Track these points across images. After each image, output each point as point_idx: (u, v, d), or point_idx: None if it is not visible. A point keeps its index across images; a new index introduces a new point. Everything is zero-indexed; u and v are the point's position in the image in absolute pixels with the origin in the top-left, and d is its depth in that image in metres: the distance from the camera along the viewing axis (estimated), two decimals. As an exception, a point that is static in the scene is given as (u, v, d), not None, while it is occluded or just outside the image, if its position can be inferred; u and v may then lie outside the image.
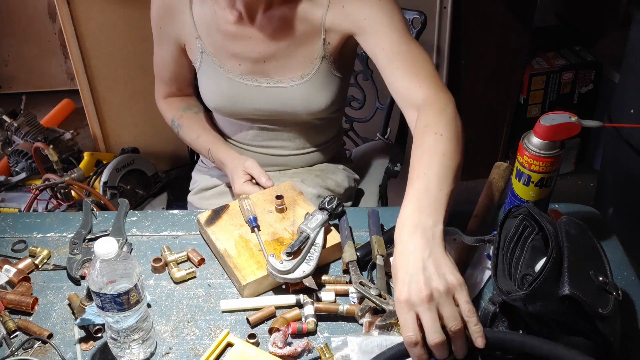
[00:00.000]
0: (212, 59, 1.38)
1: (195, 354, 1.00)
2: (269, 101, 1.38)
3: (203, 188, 1.57)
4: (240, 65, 1.36)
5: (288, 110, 1.38)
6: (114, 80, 2.51)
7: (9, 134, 2.58)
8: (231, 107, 1.41)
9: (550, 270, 0.86)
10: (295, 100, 1.37)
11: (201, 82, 1.44)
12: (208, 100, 1.44)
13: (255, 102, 1.39)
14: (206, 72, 1.40)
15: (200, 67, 1.41)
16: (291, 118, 1.41)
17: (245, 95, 1.38)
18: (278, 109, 1.39)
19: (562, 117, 1.03)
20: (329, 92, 1.37)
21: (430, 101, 1.14)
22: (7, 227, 1.27)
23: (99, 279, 0.91)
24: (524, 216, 0.98)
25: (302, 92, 1.36)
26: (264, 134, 1.47)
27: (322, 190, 1.48)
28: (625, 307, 1.05)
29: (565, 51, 2.68)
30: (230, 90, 1.39)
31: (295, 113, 1.39)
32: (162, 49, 1.45)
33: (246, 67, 1.36)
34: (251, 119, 1.43)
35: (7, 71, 3.35)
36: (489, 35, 2.40)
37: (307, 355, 0.99)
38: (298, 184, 1.44)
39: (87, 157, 2.52)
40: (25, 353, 1.01)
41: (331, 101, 1.38)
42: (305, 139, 1.48)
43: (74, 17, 2.34)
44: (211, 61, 1.38)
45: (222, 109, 1.42)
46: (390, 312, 0.98)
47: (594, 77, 2.65)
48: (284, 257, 1.08)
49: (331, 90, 1.37)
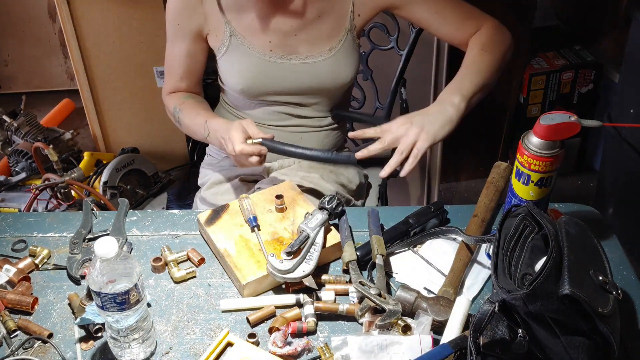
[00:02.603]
0: (241, 40, 1.40)
1: (195, 353, 1.01)
2: (298, 78, 1.42)
3: (216, 182, 1.56)
4: (271, 42, 1.39)
5: (315, 85, 1.43)
6: (114, 80, 2.51)
7: (9, 134, 2.58)
8: (259, 87, 1.44)
9: (550, 269, 0.86)
10: (324, 74, 1.42)
11: (227, 66, 1.45)
12: (234, 83, 1.45)
13: (285, 79, 1.42)
14: (234, 55, 1.42)
15: (227, 51, 1.42)
16: (317, 93, 1.45)
17: (276, 73, 1.42)
18: (306, 85, 1.43)
19: (561, 117, 1.03)
20: (354, 63, 1.44)
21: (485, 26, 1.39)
22: (7, 227, 1.27)
23: (99, 279, 0.91)
24: (523, 216, 0.98)
25: (330, 66, 1.41)
26: (283, 113, 1.49)
27: (337, 186, 1.50)
28: (625, 307, 1.05)
29: (565, 51, 2.68)
30: (260, 69, 1.41)
31: (322, 87, 1.44)
32: (177, 45, 1.46)
33: (276, 43, 1.40)
34: (277, 97, 1.46)
35: (7, 71, 3.35)
36: (489, 35, 2.40)
37: (307, 354, 0.99)
38: (316, 180, 1.46)
39: (87, 157, 2.52)
40: (25, 353, 1.01)
41: (355, 71, 1.45)
42: (321, 117, 1.51)
43: (74, 17, 2.34)
44: (240, 43, 1.40)
45: (250, 89, 1.44)
46: (390, 312, 0.99)
47: (594, 77, 2.64)
48: (283, 257, 1.08)
49: (355, 60, 1.44)
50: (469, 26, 1.39)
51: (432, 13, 1.38)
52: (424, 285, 1.11)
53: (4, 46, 3.27)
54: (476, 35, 1.39)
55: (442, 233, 1.19)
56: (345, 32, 1.40)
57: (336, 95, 1.49)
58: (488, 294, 1.08)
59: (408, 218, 1.21)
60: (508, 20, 1.33)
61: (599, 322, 0.86)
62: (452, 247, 1.18)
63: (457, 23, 1.39)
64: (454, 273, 1.10)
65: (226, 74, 1.46)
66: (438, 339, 0.98)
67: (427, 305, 1.02)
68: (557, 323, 0.87)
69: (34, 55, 3.30)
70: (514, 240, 0.96)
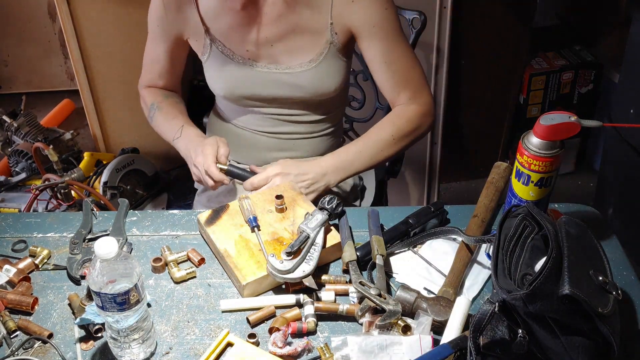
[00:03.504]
0: (221, 48, 1.40)
1: (195, 353, 1.01)
2: (278, 87, 1.41)
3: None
4: (249, 51, 1.39)
5: (297, 95, 1.42)
6: (114, 80, 2.51)
7: (9, 134, 2.58)
8: (241, 94, 1.44)
9: (550, 269, 0.86)
10: (305, 85, 1.40)
11: (209, 72, 1.46)
12: (217, 88, 1.46)
13: (266, 87, 1.42)
14: (216, 61, 1.43)
15: (209, 58, 1.43)
16: (299, 102, 1.45)
17: (256, 81, 1.41)
18: (287, 94, 1.42)
19: (561, 117, 1.03)
20: (337, 76, 1.42)
21: (409, 101, 1.40)
22: (7, 227, 1.27)
23: (99, 279, 0.91)
24: (523, 216, 0.98)
25: (312, 78, 1.39)
26: (273, 119, 1.49)
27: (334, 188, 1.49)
28: (625, 307, 1.05)
29: (565, 51, 2.68)
30: (240, 77, 1.42)
31: (304, 98, 1.43)
32: (158, 45, 1.47)
33: (254, 52, 1.39)
34: (261, 104, 1.46)
35: (7, 71, 3.35)
36: (489, 35, 2.40)
37: (307, 355, 0.99)
38: None
39: (87, 157, 2.52)
40: (25, 353, 1.01)
41: (339, 84, 1.43)
42: (313, 122, 1.51)
43: (74, 17, 2.34)
44: (220, 51, 1.41)
45: (232, 95, 1.45)
46: (390, 312, 0.99)
47: (594, 77, 2.65)
48: (284, 257, 1.08)
49: (339, 73, 1.42)
50: (402, 95, 1.40)
51: (381, 60, 1.37)
52: (424, 285, 1.11)
53: (4, 46, 3.27)
54: (399, 112, 1.40)
55: (442, 233, 1.19)
56: (327, 44, 1.37)
57: (323, 105, 1.47)
58: (488, 294, 1.08)
59: (408, 218, 1.21)
60: (508, 20, 1.32)
61: (599, 322, 0.86)
62: (452, 247, 1.18)
63: (395, 85, 1.39)
64: (454, 273, 1.10)
65: (210, 79, 1.48)
66: (438, 339, 0.98)
67: (427, 306, 1.02)
68: (557, 323, 0.87)
69: (34, 55, 3.30)
70: (514, 241, 0.96)
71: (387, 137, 1.38)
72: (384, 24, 1.33)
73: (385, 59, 1.36)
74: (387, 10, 1.32)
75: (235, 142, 1.58)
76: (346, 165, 1.36)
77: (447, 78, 2.34)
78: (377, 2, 1.31)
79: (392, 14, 1.34)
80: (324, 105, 1.47)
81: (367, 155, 1.37)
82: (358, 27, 1.34)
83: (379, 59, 1.37)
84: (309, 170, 1.34)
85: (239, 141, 1.56)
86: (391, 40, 1.35)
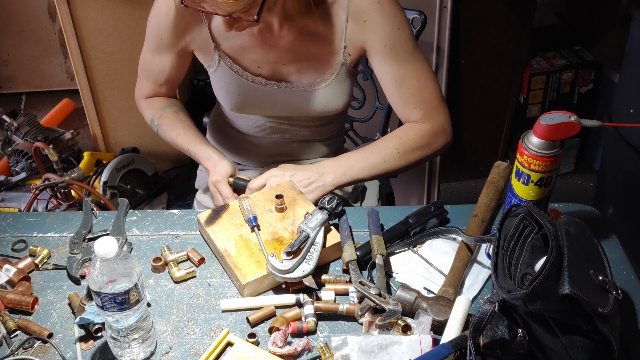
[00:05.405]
0: (230, 65, 1.39)
1: (195, 353, 1.01)
2: (287, 104, 1.41)
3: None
4: (260, 68, 1.39)
5: (305, 112, 1.42)
6: (114, 80, 2.51)
7: (9, 133, 2.58)
8: (247, 108, 1.45)
9: (550, 269, 0.86)
10: (314, 103, 1.40)
11: (216, 83, 1.45)
12: (223, 101, 1.46)
13: (275, 104, 1.42)
14: (223, 75, 1.42)
15: (217, 71, 1.42)
16: (307, 116, 1.45)
17: (265, 97, 1.41)
18: (295, 111, 1.43)
19: (561, 117, 1.03)
20: (346, 94, 1.42)
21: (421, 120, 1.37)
22: (7, 227, 1.27)
23: (99, 279, 0.91)
24: (523, 215, 0.98)
25: (321, 97, 1.39)
26: (275, 126, 1.49)
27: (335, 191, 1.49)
28: (625, 307, 1.05)
29: (565, 51, 2.68)
30: (249, 92, 1.41)
31: (312, 114, 1.43)
32: (164, 56, 1.44)
33: (265, 70, 1.39)
34: (268, 117, 1.47)
35: (7, 71, 3.35)
36: (489, 35, 2.40)
37: (307, 354, 0.99)
38: None
39: (87, 157, 2.52)
40: (25, 352, 1.01)
41: (346, 102, 1.43)
42: (315, 131, 1.51)
43: (74, 17, 2.34)
44: (229, 67, 1.40)
45: (239, 109, 1.45)
46: (390, 312, 0.99)
47: (593, 77, 2.65)
48: (283, 257, 1.08)
49: (347, 91, 1.42)
50: (413, 114, 1.37)
51: (391, 79, 1.35)
52: (424, 285, 1.11)
53: (4, 46, 3.27)
54: (407, 128, 1.38)
55: (442, 233, 1.19)
56: (339, 65, 1.36)
57: (327, 116, 1.48)
58: (488, 294, 1.08)
59: (408, 218, 1.21)
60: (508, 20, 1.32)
61: (599, 322, 0.85)
62: (452, 247, 1.18)
63: (406, 104, 1.36)
64: (454, 273, 1.10)
65: (216, 90, 1.47)
66: (438, 339, 0.98)
67: (427, 305, 1.02)
68: (557, 323, 0.87)
69: (33, 55, 3.30)
70: (514, 240, 0.96)
71: (391, 149, 1.35)
72: (395, 44, 1.31)
73: (396, 78, 1.34)
74: (399, 30, 1.30)
75: (236, 144, 1.58)
76: (346, 168, 1.34)
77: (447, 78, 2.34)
78: (389, 23, 1.30)
79: (404, 33, 1.32)
80: (329, 116, 1.48)
81: (369, 162, 1.34)
82: (370, 46, 1.33)
83: (390, 77, 1.35)
84: (305, 169, 1.34)
85: (239, 144, 1.56)
86: (402, 59, 1.33)
